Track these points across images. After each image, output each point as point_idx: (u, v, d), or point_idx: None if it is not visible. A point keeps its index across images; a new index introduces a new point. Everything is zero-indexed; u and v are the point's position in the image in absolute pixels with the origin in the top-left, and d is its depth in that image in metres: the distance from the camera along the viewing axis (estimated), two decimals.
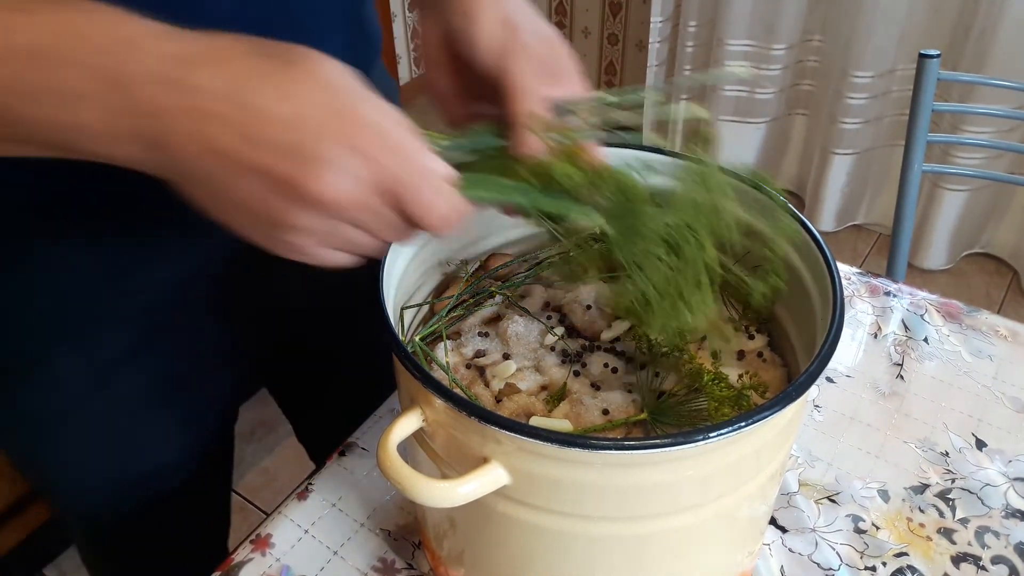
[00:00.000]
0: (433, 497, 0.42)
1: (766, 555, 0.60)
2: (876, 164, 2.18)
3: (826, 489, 0.65)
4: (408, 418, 0.45)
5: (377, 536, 0.62)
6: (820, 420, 0.70)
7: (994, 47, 1.80)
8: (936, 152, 1.97)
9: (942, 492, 0.64)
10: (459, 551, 0.53)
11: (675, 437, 0.39)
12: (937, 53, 1.17)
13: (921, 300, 0.81)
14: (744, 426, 0.39)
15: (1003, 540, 0.61)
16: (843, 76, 2.03)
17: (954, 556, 0.60)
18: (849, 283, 0.83)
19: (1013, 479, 0.65)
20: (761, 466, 0.46)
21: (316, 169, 0.36)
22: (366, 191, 0.38)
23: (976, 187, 2.01)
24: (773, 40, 2.11)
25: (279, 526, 0.62)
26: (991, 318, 0.79)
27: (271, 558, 0.60)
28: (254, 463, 1.71)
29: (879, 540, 0.61)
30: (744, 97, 2.23)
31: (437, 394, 0.42)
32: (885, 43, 1.95)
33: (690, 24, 2.22)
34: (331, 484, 0.65)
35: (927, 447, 0.68)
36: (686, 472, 0.42)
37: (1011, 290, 2.10)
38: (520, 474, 0.42)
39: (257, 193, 0.37)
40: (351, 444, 0.68)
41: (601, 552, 0.46)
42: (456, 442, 0.44)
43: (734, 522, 0.48)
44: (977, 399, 0.72)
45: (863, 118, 2.07)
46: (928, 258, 2.14)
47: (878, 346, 0.77)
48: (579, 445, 0.39)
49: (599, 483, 0.42)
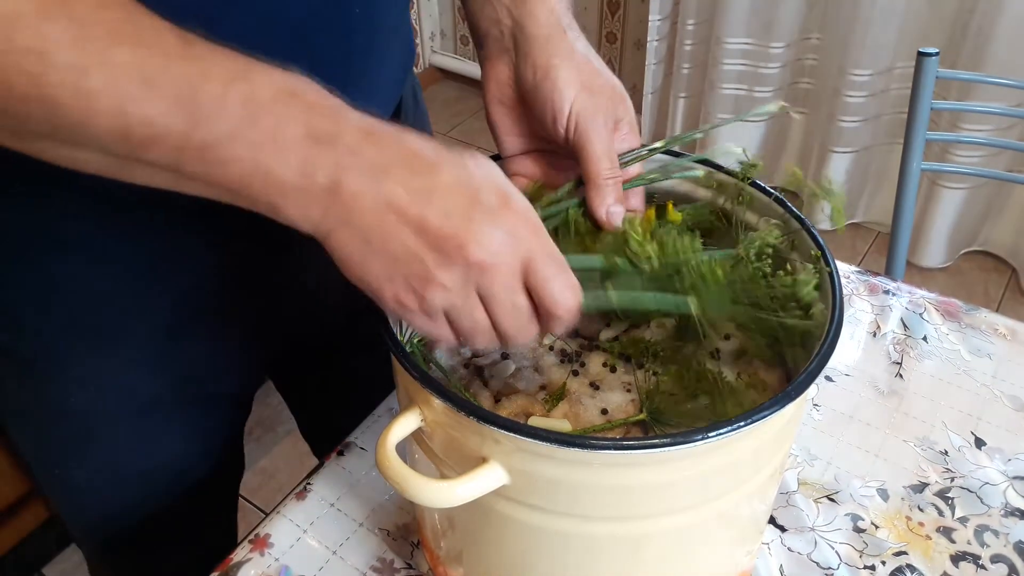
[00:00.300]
0: (432, 497, 0.42)
1: (765, 554, 0.60)
2: (875, 162, 2.18)
3: (825, 488, 0.65)
4: (407, 418, 0.45)
5: (376, 536, 0.62)
6: (819, 419, 0.70)
7: (992, 45, 1.80)
8: (935, 150, 1.96)
9: (941, 491, 0.64)
10: (458, 551, 0.53)
11: (674, 437, 0.39)
12: (935, 51, 1.17)
13: (920, 299, 0.81)
14: (743, 426, 0.39)
15: (1002, 539, 0.61)
16: (841, 74, 2.02)
17: (953, 555, 0.60)
18: (848, 282, 0.83)
19: (1012, 478, 0.65)
20: (760, 465, 0.46)
21: (476, 232, 0.40)
22: (513, 263, 0.41)
23: (975, 185, 2.01)
24: (771, 38, 2.11)
25: (278, 526, 0.62)
26: (990, 316, 0.79)
27: (270, 558, 0.60)
28: (253, 462, 1.71)
29: (878, 539, 0.61)
30: (743, 95, 2.23)
31: (436, 394, 0.42)
32: (883, 41, 1.95)
33: (688, 22, 2.21)
34: (330, 484, 0.65)
35: (926, 446, 0.68)
36: (685, 472, 0.42)
37: (1009, 288, 2.10)
38: (519, 474, 0.42)
39: (414, 247, 0.40)
40: (349, 444, 0.68)
41: (600, 552, 0.45)
42: (455, 442, 0.44)
43: (733, 521, 0.48)
44: (976, 398, 0.71)
45: (862, 116, 2.07)
46: (927, 256, 2.14)
47: (877, 345, 0.77)
48: (578, 445, 0.39)
49: (598, 483, 0.42)
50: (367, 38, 0.57)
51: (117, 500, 0.70)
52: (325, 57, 0.53)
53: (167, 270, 0.59)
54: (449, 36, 2.91)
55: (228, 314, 0.64)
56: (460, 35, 2.88)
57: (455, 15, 2.84)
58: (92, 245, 0.57)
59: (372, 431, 0.69)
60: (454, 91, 2.95)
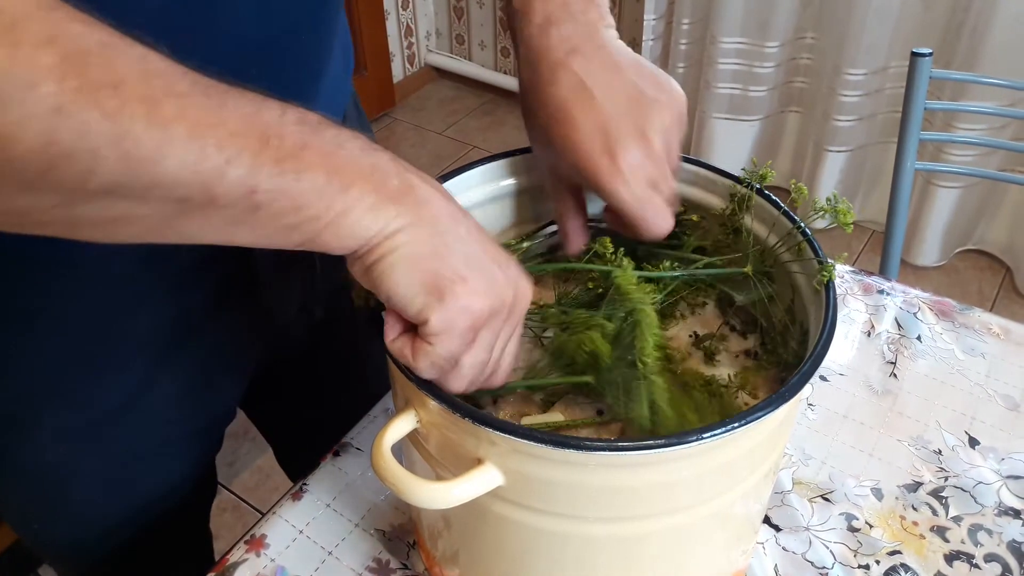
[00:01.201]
0: (427, 499, 0.42)
1: (760, 554, 0.60)
2: (869, 161, 2.19)
3: (820, 487, 0.65)
4: (402, 419, 0.45)
5: (372, 536, 0.62)
6: (813, 418, 0.70)
7: (986, 45, 1.81)
8: (929, 149, 1.97)
9: (935, 490, 0.64)
10: (454, 551, 0.53)
11: (668, 438, 0.39)
12: (929, 51, 1.17)
13: (914, 298, 0.81)
14: (737, 427, 0.39)
15: (996, 538, 0.61)
16: (836, 73, 2.03)
17: (947, 554, 0.60)
18: (842, 281, 0.83)
19: (1006, 477, 0.65)
20: (755, 466, 0.46)
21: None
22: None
23: (968, 184, 2.01)
24: (766, 37, 2.11)
25: (273, 526, 0.62)
26: (984, 316, 0.79)
27: (265, 559, 0.60)
28: (248, 462, 1.71)
29: (872, 538, 0.61)
30: (738, 94, 2.23)
31: (431, 395, 0.42)
32: (878, 40, 1.95)
33: (683, 22, 2.21)
34: (325, 484, 0.65)
35: (920, 445, 0.68)
36: (680, 472, 0.42)
37: (1004, 286, 2.11)
38: (514, 475, 0.42)
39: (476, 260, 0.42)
40: (345, 444, 0.68)
41: (595, 552, 0.46)
42: (450, 443, 0.44)
43: (728, 521, 0.48)
44: (970, 397, 0.72)
45: (856, 115, 2.08)
46: (921, 255, 2.15)
47: (871, 344, 0.77)
48: (572, 446, 0.39)
49: (593, 484, 0.42)
50: (315, 60, 0.58)
51: (93, 544, 0.70)
52: (284, 79, 0.54)
53: (132, 325, 0.59)
54: (445, 35, 2.91)
55: (195, 355, 0.64)
56: (455, 34, 2.88)
57: (450, 14, 2.84)
58: (57, 315, 0.56)
59: (368, 432, 0.69)
60: (450, 90, 2.95)
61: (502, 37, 2.78)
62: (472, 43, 2.86)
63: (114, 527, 0.69)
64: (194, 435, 0.70)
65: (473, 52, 2.88)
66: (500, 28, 2.77)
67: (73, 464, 0.63)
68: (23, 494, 0.67)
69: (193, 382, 0.65)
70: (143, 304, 0.59)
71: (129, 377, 0.61)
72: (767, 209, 0.54)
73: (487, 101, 2.89)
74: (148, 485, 0.69)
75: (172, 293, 0.59)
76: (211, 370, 0.66)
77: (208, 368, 0.65)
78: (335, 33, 0.60)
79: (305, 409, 0.84)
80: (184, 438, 0.69)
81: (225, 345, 0.66)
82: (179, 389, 0.64)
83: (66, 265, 0.54)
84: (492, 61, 2.86)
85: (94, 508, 0.67)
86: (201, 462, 0.73)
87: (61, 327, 0.57)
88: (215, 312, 0.63)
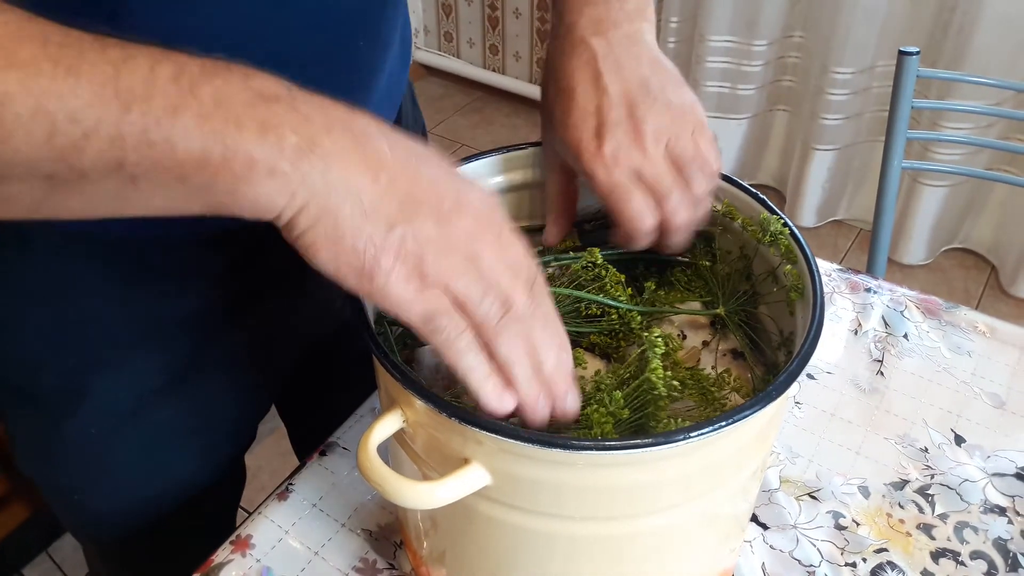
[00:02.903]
0: (413, 499, 0.41)
1: (747, 552, 0.60)
2: (857, 160, 2.19)
3: (807, 486, 0.65)
4: (388, 419, 0.44)
5: (358, 536, 0.61)
6: (801, 416, 0.70)
7: (973, 44, 1.82)
8: (916, 148, 1.98)
9: (921, 488, 0.65)
10: (441, 551, 0.53)
11: (656, 437, 0.39)
12: (916, 50, 1.18)
13: (901, 296, 0.82)
14: (724, 426, 0.39)
15: (981, 535, 0.61)
16: (824, 72, 2.03)
17: (933, 552, 0.60)
18: (829, 279, 0.84)
19: (991, 475, 0.65)
20: (742, 464, 0.46)
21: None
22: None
23: (955, 183, 2.02)
24: (754, 36, 2.12)
25: (259, 527, 0.61)
26: (970, 314, 0.79)
27: (251, 559, 0.59)
28: None
29: (859, 536, 0.61)
30: (726, 93, 2.23)
31: (417, 395, 0.41)
32: (865, 39, 1.96)
33: (672, 20, 2.22)
34: (311, 484, 0.65)
35: (907, 443, 0.68)
36: (667, 472, 0.42)
37: (989, 285, 2.12)
38: (501, 475, 0.42)
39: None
40: (332, 444, 0.68)
41: (583, 552, 0.45)
42: (437, 443, 0.44)
43: (716, 520, 0.48)
44: (956, 395, 0.72)
45: (844, 114, 2.08)
46: (908, 253, 2.16)
47: (858, 343, 0.77)
48: (559, 446, 0.39)
49: (580, 483, 0.42)
50: (370, 67, 0.57)
51: (129, 516, 0.70)
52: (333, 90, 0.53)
53: (180, 304, 0.59)
54: (433, 32, 2.90)
55: (233, 341, 0.64)
56: (444, 31, 2.87)
57: (439, 11, 2.84)
58: (105, 288, 0.57)
59: (355, 431, 0.69)
60: (438, 88, 2.94)
61: (491, 34, 2.78)
62: (460, 40, 2.85)
63: (152, 498, 0.69)
64: (231, 421, 0.70)
65: (461, 49, 2.87)
66: (488, 25, 2.76)
67: (116, 439, 0.64)
68: (67, 466, 0.66)
69: (241, 364, 0.65)
70: (192, 287, 0.59)
71: (177, 358, 0.61)
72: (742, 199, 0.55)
73: (476, 99, 2.88)
74: (185, 467, 0.69)
75: (221, 278, 0.59)
76: (256, 355, 0.66)
77: (254, 353, 0.66)
78: (396, 28, 0.60)
79: (327, 393, 0.84)
80: (226, 422, 0.69)
81: (271, 331, 0.66)
82: (224, 373, 0.65)
83: (123, 246, 0.54)
84: (480, 59, 2.85)
85: (132, 483, 0.68)
86: (239, 444, 0.74)
87: (114, 305, 0.57)
88: (264, 298, 0.63)
